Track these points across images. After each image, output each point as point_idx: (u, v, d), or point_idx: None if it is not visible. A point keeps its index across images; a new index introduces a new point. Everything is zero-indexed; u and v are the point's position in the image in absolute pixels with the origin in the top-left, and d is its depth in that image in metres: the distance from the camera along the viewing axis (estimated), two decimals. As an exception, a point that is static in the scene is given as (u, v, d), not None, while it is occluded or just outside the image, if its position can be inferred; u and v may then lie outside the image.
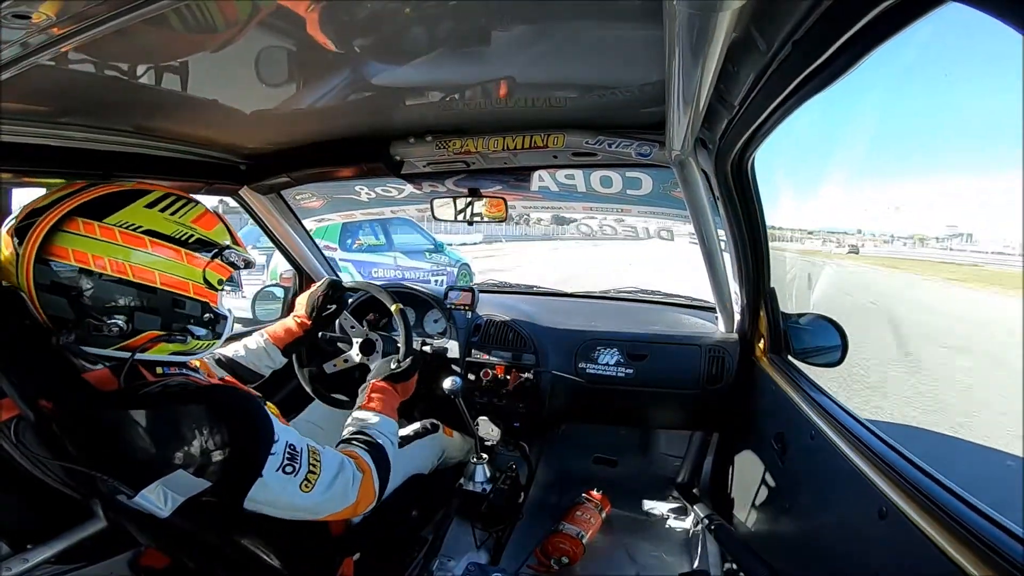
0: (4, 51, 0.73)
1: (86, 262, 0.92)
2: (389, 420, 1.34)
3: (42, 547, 1.20)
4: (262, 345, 1.61)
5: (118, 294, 0.95)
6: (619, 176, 2.43)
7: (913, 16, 0.61)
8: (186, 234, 1.02)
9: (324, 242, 6.32)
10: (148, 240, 0.97)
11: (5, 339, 0.86)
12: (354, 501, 1.10)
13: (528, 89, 1.28)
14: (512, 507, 1.93)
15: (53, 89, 1.03)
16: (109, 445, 0.90)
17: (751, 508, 1.70)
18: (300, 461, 1.01)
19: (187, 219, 1.04)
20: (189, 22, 0.83)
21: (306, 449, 1.04)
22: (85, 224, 0.93)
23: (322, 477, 1.04)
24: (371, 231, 7.45)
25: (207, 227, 1.07)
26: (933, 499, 0.81)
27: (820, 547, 1.21)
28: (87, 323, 0.93)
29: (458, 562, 1.70)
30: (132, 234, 0.96)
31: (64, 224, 0.92)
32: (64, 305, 0.92)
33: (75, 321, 0.93)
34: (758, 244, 1.62)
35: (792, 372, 1.57)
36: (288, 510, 1.04)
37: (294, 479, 1.00)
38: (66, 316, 0.92)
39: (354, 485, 1.11)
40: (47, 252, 0.91)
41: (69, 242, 0.92)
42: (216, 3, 0.79)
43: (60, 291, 0.92)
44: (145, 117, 1.31)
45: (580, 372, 1.98)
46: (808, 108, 0.95)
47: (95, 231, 0.93)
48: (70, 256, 0.92)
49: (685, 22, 0.64)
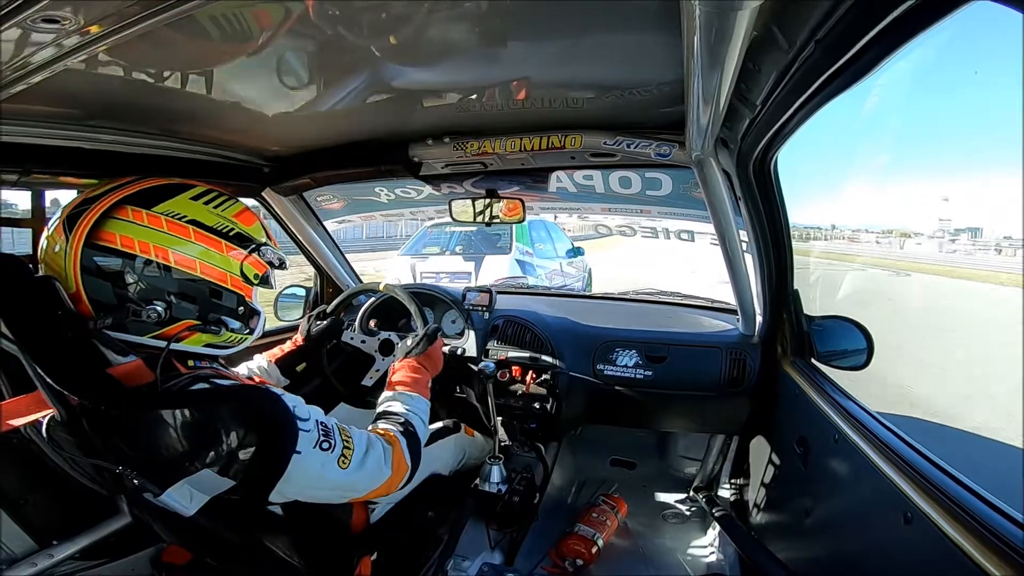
0: (35, 54, 0.76)
1: (132, 248, 0.96)
2: (412, 395, 1.31)
3: (67, 543, 1.24)
4: (263, 365, 1.64)
5: (159, 281, 0.98)
6: (638, 176, 2.40)
7: (938, 14, 0.59)
8: (227, 227, 1.06)
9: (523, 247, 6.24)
10: (192, 230, 1.00)
11: (39, 328, 0.89)
12: (390, 474, 1.10)
13: (545, 90, 1.28)
14: (527, 508, 1.93)
15: (82, 93, 1.07)
16: (137, 444, 0.92)
17: (770, 512, 1.67)
18: (334, 438, 1.02)
19: (228, 213, 1.07)
20: (214, 27, 0.84)
21: (336, 427, 1.05)
22: (134, 212, 0.97)
23: (356, 452, 1.05)
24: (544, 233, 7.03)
25: (246, 223, 1.10)
26: (960, 503, 0.79)
27: (842, 552, 1.19)
28: (127, 308, 0.96)
29: (472, 562, 1.70)
30: (177, 223, 0.99)
31: (114, 211, 0.96)
32: (108, 290, 0.95)
33: (116, 306, 0.96)
34: (781, 245, 1.58)
35: (815, 375, 1.54)
36: (328, 489, 1.04)
37: (332, 455, 1.00)
38: (108, 301, 0.95)
39: (387, 459, 1.11)
40: (96, 237, 0.95)
41: (118, 228, 0.95)
42: (240, 8, 0.81)
43: (105, 276, 0.95)
44: (171, 120, 1.35)
45: (598, 373, 1.96)
46: (834, 106, 0.93)
47: (143, 219, 0.97)
48: (117, 241, 0.95)
49: (703, 21, 0.63)
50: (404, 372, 1.38)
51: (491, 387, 1.73)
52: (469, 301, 2.13)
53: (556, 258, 6.84)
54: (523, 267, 6.07)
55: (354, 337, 1.95)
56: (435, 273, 6.21)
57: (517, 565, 1.78)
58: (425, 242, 6.86)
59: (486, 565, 1.70)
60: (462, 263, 6.30)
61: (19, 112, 1.09)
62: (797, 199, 1.93)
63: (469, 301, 2.13)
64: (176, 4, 0.69)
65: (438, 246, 6.70)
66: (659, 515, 2.07)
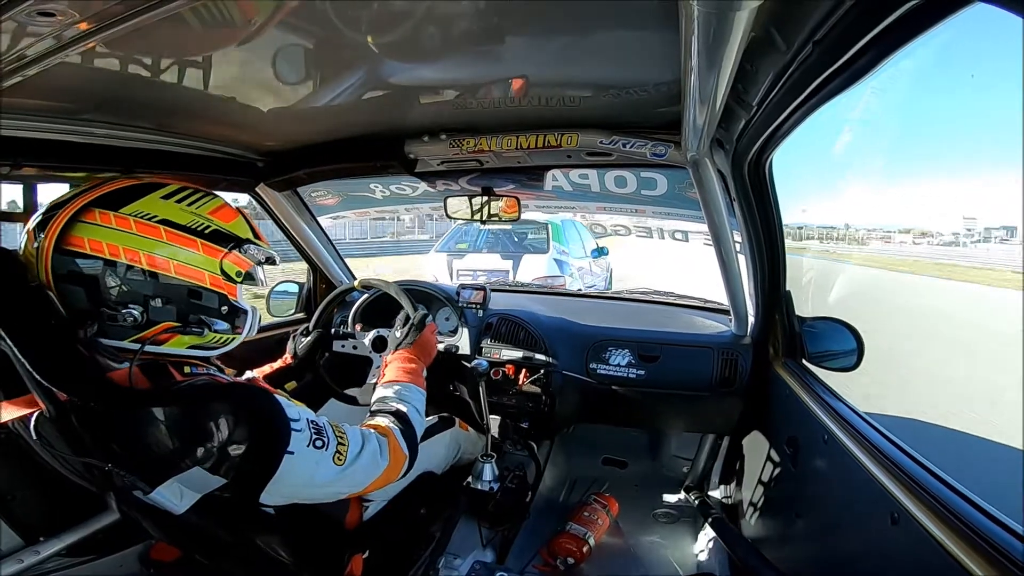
0: (30, 48, 0.75)
1: (101, 251, 0.93)
2: (407, 385, 1.30)
3: (53, 539, 1.24)
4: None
5: (133, 284, 0.96)
6: (634, 176, 2.41)
7: (938, 17, 0.59)
8: (202, 225, 1.02)
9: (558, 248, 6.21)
10: (163, 230, 0.97)
11: (33, 335, 0.88)
12: (387, 465, 1.09)
13: (542, 88, 1.27)
14: (519, 506, 1.93)
15: (77, 86, 1.05)
16: (128, 441, 0.91)
17: (761, 511, 1.69)
18: (327, 435, 1.01)
19: (203, 210, 1.04)
20: (210, 21, 0.84)
21: (328, 424, 1.03)
22: (101, 214, 0.94)
23: (351, 447, 1.04)
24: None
25: (225, 219, 1.07)
26: (946, 505, 0.80)
27: (830, 552, 1.20)
28: (103, 313, 0.94)
29: (464, 560, 1.70)
30: (147, 223, 0.96)
31: (82, 215, 0.93)
32: (81, 295, 0.93)
33: (92, 311, 0.93)
34: (774, 246, 1.60)
35: (806, 376, 1.55)
36: (323, 487, 1.03)
37: (326, 453, 0.99)
38: (84, 307, 0.93)
39: (383, 451, 1.10)
40: (65, 243, 0.92)
41: (86, 232, 0.93)
42: (235, 2, 0.80)
43: (77, 281, 0.93)
44: (166, 114, 1.33)
45: (591, 372, 1.97)
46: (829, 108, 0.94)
47: (110, 221, 0.94)
48: (86, 245, 0.93)
49: (701, 21, 0.63)
50: (396, 364, 1.37)
51: (484, 385, 1.73)
52: (463, 299, 2.12)
53: (584, 257, 6.86)
54: (560, 266, 6.08)
55: (345, 345, 1.95)
56: (472, 271, 6.17)
57: (508, 563, 1.78)
58: (457, 239, 6.83)
59: (477, 563, 1.70)
60: (500, 261, 6.27)
61: (12, 105, 1.07)
62: (803, 200, 1.86)
63: (463, 299, 2.12)
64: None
65: (467, 243, 6.69)
66: (650, 514, 2.08)
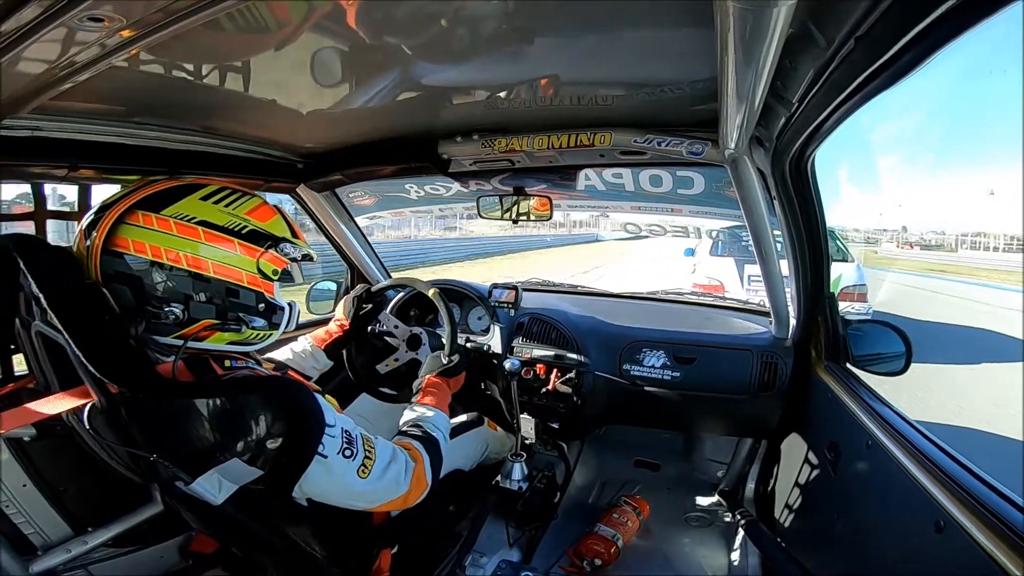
0: (81, 53, 0.79)
1: (144, 252, 0.98)
2: (442, 414, 1.37)
3: (101, 530, 1.29)
4: (307, 349, 1.66)
5: (174, 282, 1.01)
6: (669, 175, 2.35)
7: (987, 11, 0.56)
8: (239, 225, 1.06)
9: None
10: (202, 231, 1.02)
11: (89, 329, 0.93)
12: (406, 490, 1.13)
13: (574, 87, 1.27)
14: (547, 506, 1.93)
15: (126, 90, 1.11)
16: (171, 432, 0.96)
17: (798, 517, 1.64)
18: (356, 447, 1.05)
19: (241, 211, 1.08)
20: (251, 25, 0.87)
21: (360, 437, 1.07)
22: (144, 216, 0.99)
23: (377, 464, 1.08)
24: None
25: (262, 219, 1.10)
26: (994, 511, 0.76)
27: (870, 559, 1.16)
28: (147, 311, 0.99)
29: (490, 559, 1.71)
30: (186, 225, 1.01)
31: (127, 217, 0.99)
32: (127, 294, 0.98)
33: (137, 309, 0.99)
34: (817, 247, 1.54)
35: (849, 380, 1.50)
36: (343, 496, 1.07)
37: (352, 463, 1.03)
38: (129, 304, 0.98)
39: (407, 475, 1.13)
40: (112, 243, 0.98)
41: (130, 233, 0.98)
42: (275, 6, 0.83)
43: (123, 280, 0.98)
44: (210, 117, 1.39)
45: (624, 373, 1.94)
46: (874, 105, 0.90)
47: (152, 223, 0.99)
48: (130, 247, 0.98)
49: (737, 19, 0.62)
50: (438, 391, 1.44)
51: (515, 384, 1.73)
52: (495, 298, 2.13)
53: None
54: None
55: (389, 320, 1.91)
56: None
57: (535, 563, 1.78)
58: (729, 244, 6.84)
59: (503, 562, 1.71)
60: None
61: (66, 109, 1.14)
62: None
63: (495, 298, 2.13)
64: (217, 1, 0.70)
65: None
66: (682, 517, 2.04)
